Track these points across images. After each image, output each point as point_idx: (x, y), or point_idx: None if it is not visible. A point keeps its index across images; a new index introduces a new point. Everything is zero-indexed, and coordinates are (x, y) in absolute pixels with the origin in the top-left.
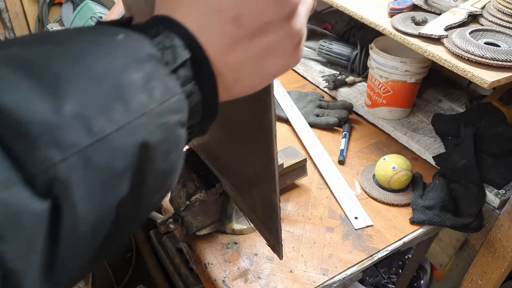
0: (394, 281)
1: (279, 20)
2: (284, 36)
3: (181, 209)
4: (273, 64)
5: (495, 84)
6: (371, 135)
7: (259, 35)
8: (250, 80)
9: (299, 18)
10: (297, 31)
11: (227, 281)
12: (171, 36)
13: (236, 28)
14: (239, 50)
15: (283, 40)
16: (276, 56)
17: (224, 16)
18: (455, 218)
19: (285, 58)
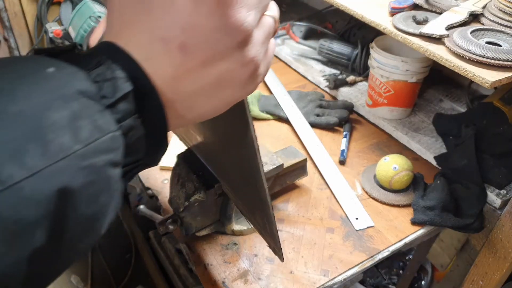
0: (395, 282)
1: (229, 49)
2: (236, 65)
3: (180, 209)
4: (227, 92)
5: (497, 84)
6: (372, 135)
7: (210, 63)
8: (205, 107)
9: (253, 45)
10: (250, 59)
11: (227, 282)
12: (113, 67)
13: (184, 57)
14: (190, 79)
15: (236, 69)
16: (230, 85)
17: (171, 45)
18: (456, 219)
19: (239, 86)
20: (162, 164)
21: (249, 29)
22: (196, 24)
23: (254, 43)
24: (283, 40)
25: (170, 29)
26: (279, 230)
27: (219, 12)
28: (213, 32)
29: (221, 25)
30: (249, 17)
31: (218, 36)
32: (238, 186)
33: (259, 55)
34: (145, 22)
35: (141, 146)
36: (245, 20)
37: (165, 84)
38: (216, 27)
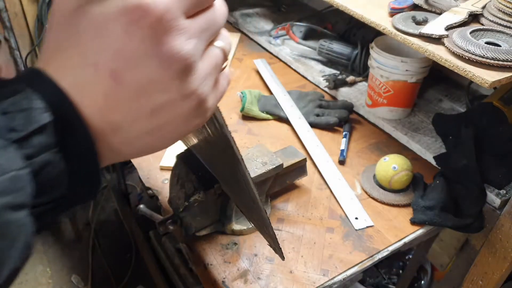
0: (395, 282)
1: (166, 79)
2: (175, 97)
3: (180, 210)
4: (169, 126)
5: (496, 84)
6: (372, 135)
7: (145, 93)
8: (144, 141)
9: (196, 77)
10: (191, 92)
11: (226, 282)
12: (31, 95)
13: (116, 85)
14: (123, 109)
15: (175, 102)
16: (171, 118)
17: (101, 71)
18: (456, 219)
19: (182, 120)
20: (162, 164)
21: (187, 58)
22: (129, 50)
23: (197, 75)
24: (283, 41)
25: (101, 55)
26: (279, 230)
27: (153, 39)
28: (147, 59)
29: (156, 52)
30: (187, 45)
31: (152, 65)
32: (233, 187)
33: (204, 88)
34: (76, 48)
35: (62, 183)
36: (182, 48)
37: (95, 114)
38: (150, 54)
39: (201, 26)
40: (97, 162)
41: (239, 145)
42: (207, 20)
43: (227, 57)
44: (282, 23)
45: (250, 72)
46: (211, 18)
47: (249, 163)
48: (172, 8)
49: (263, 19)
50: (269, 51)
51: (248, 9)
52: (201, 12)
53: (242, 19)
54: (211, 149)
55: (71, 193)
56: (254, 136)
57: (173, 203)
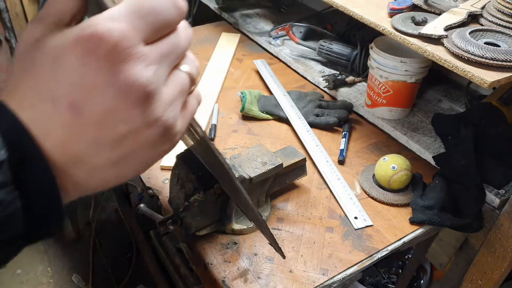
0: (394, 281)
1: (126, 108)
2: (138, 126)
3: (180, 209)
4: (135, 155)
5: (495, 84)
6: (371, 135)
7: (105, 124)
8: (109, 172)
9: (160, 104)
10: (155, 119)
11: (226, 281)
12: None
13: (75, 117)
14: (85, 141)
15: (139, 130)
16: (136, 147)
17: (60, 104)
18: (455, 218)
19: (149, 148)
20: (162, 163)
21: (147, 86)
22: (86, 81)
23: (160, 101)
24: (283, 41)
25: (59, 87)
26: (278, 229)
27: (109, 68)
28: (104, 90)
29: (113, 82)
30: (146, 72)
31: (110, 95)
32: (231, 187)
33: (169, 114)
34: (35, 81)
35: (17, 221)
36: (141, 76)
37: (55, 147)
38: (108, 84)
39: (162, 51)
40: (58, 197)
41: (239, 145)
42: (169, 45)
43: (194, 81)
44: (282, 24)
45: (250, 72)
46: (174, 42)
47: (249, 163)
48: (128, 36)
49: (263, 19)
50: (269, 51)
51: (248, 10)
52: (162, 37)
53: (242, 20)
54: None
55: (30, 230)
56: (254, 136)
57: (173, 203)
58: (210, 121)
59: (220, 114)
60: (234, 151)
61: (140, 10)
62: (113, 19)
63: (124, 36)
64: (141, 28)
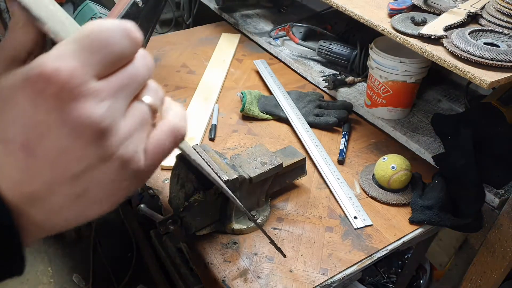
0: (394, 281)
1: (79, 146)
2: (93, 163)
3: (180, 209)
4: (95, 191)
5: (495, 84)
6: (371, 135)
7: (60, 163)
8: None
9: (116, 138)
10: (109, 154)
11: (227, 281)
12: None
13: (29, 158)
14: (40, 181)
15: (94, 167)
16: (95, 183)
17: (12, 145)
18: (455, 218)
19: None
20: (163, 164)
21: (99, 122)
22: (37, 122)
23: (117, 136)
24: (283, 41)
25: (10, 129)
26: (278, 229)
27: (60, 107)
28: (56, 130)
29: (64, 121)
30: (99, 109)
31: (63, 134)
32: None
33: (126, 148)
34: None
35: None
36: (93, 113)
37: (11, 189)
38: (59, 124)
39: (116, 85)
40: (18, 239)
41: (239, 145)
42: (125, 78)
43: (156, 112)
44: (282, 24)
45: (250, 72)
46: (130, 74)
47: (249, 163)
48: (77, 73)
49: (263, 20)
50: (269, 51)
51: (248, 10)
52: (118, 69)
53: (242, 20)
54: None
55: None
56: (254, 136)
57: (173, 203)
58: (210, 121)
59: (220, 114)
60: (234, 151)
61: (90, 45)
62: (61, 56)
63: (73, 74)
64: (92, 63)
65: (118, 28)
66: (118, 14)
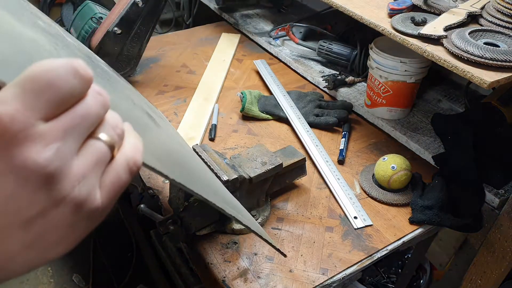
0: (394, 281)
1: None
2: (44, 207)
3: (180, 209)
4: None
5: (495, 84)
6: (371, 135)
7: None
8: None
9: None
10: (61, 198)
11: (227, 281)
12: None
13: None
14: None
15: (46, 212)
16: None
17: None
18: (455, 218)
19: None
20: None
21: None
22: None
23: (68, 178)
24: (283, 41)
25: None
26: (278, 229)
27: (3, 154)
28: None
29: (9, 168)
30: (46, 152)
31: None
32: None
33: (81, 190)
34: None
35: None
36: (39, 157)
37: None
38: (3, 169)
39: (65, 126)
40: None
41: (239, 145)
42: (76, 117)
43: (114, 148)
44: (282, 24)
45: (250, 72)
46: (81, 113)
47: (249, 163)
48: (20, 118)
49: (263, 20)
50: (269, 51)
51: (248, 10)
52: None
53: (242, 20)
54: None
55: None
56: (254, 136)
57: (173, 203)
58: (210, 121)
59: (220, 114)
60: (234, 151)
61: (33, 87)
62: (2, 101)
63: (15, 119)
64: (36, 106)
65: (64, 68)
66: (118, 14)
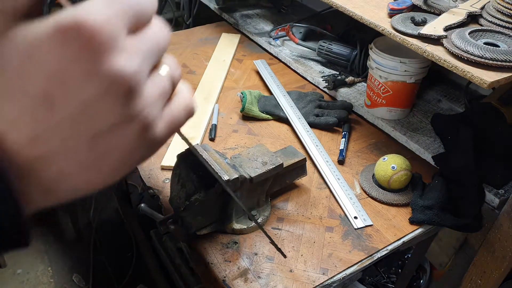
0: (394, 281)
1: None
2: (117, 121)
3: (181, 209)
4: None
5: (494, 84)
6: (371, 135)
7: (83, 119)
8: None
9: (141, 100)
10: (134, 115)
11: (227, 281)
12: None
13: (48, 111)
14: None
15: (117, 127)
16: (113, 147)
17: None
18: (455, 218)
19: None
20: (163, 163)
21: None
22: (64, 73)
23: (141, 97)
24: (283, 41)
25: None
26: (278, 229)
27: (91, 58)
28: (84, 81)
29: (94, 73)
30: (131, 64)
31: (92, 87)
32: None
33: (149, 112)
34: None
35: None
36: (125, 67)
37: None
38: (88, 75)
39: (143, 45)
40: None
41: (239, 145)
42: (149, 40)
43: (175, 86)
44: (282, 24)
45: (250, 72)
46: (153, 38)
47: (250, 163)
48: (111, 23)
49: (263, 20)
50: (269, 51)
51: (248, 10)
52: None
53: (242, 20)
54: None
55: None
56: (254, 136)
57: (174, 202)
58: (210, 121)
59: (220, 114)
60: (235, 151)
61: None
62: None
63: (107, 24)
64: (123, 18)
65: None
66: None
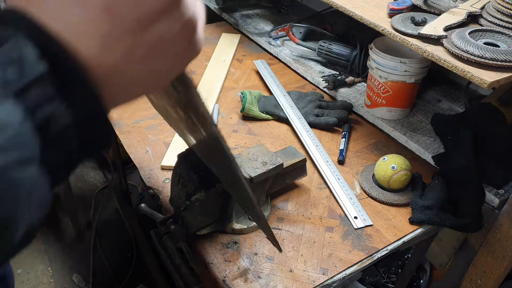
0: (394, 281)
1: (162, 9)
2: (172, 27)
3: (181, 209)
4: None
5: (494, 84)
6: (371, 135)
7: (143, 27)
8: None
9: (189, 4)
10: (187, 19)
11: (227, 281)
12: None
13: (111, 22)
14: (122, 48)
15: (173, 32)
16: (170, 50)
17: (93, 8)
18: (455, 218)
19: (180, 51)
20: (163, 163)
21: None
22: None
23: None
24: (283, 41)
25: None
26: (278, 229)
27: None
28: None
29: None
30: None
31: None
32: (233, 185)
33: (196, 14)
34: None
35: (70, 135)
36: None
37: (93, 57)
38: None
39: None
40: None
41: (239, 145)
42: None
43: None
44: (282, 24)
45: (250, 72)
46: None
47: (250, 163)
48: None
49: (263, 20)
50: (269, 52)
51: (248, 10)
52: None
53: (242, 20)
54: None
55: (82, 144)
56: (254, 136)
57: (174, 202)
58: None
59: (220, 114)
60: (235, 151)
61: None
62: None
63: None
64: None
65: None
66: None
